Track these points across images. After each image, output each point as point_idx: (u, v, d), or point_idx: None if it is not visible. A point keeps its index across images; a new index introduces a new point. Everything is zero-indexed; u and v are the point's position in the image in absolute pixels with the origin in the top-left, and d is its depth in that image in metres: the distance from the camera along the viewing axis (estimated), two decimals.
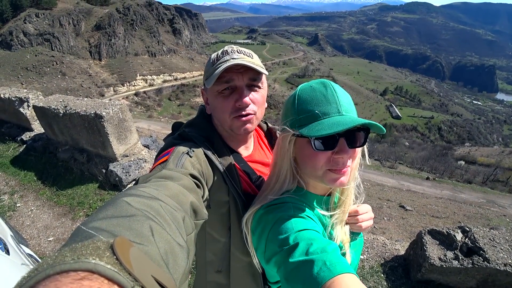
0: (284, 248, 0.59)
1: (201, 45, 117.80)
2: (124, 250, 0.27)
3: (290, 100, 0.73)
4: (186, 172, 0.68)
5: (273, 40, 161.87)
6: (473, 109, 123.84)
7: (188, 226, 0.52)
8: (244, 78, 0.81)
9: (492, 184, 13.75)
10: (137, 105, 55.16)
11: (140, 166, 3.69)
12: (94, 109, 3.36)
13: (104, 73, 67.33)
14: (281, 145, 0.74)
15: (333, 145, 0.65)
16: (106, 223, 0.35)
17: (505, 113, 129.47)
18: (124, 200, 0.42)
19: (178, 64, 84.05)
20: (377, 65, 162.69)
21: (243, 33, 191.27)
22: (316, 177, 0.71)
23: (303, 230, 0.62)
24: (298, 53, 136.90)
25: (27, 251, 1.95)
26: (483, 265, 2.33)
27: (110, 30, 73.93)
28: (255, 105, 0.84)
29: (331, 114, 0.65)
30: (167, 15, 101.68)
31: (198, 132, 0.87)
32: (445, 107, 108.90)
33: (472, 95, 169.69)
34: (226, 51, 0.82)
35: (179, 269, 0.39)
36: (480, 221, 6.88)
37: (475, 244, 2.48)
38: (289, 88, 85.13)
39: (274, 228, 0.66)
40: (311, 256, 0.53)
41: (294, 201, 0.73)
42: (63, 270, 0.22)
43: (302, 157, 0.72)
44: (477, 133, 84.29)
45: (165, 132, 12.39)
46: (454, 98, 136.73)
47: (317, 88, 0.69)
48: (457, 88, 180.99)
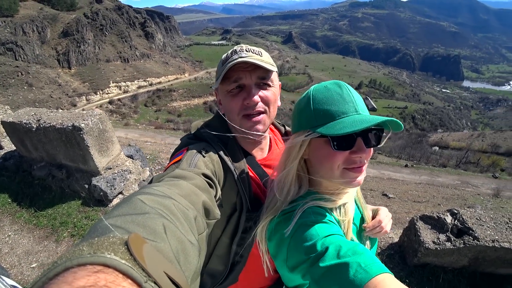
0: (312, 256, 0.58)
1: (175, 48, 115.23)
2: (138, 247, 0.28)
3: (303, 101, 0.72)
4: (199, 172, 0.68)
5: (248, 40, 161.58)
6: (443, 97, 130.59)
7: (200, 225, 0.53)
8: (252, 77, 0.80)
9: (465, 166, 14.52)
10: (112, 114, 53.03)
11: (125, 178, 3.53)
12: (72, 121, 3.16)
13: (74, 81, 64.15)
14: (292, 146, 0.72)
15: (351, 144, 0.65)
16: (121, 220, 0.36)
17: (472, 99, 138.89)
18: (138, 198, 0.44)
19: (152, 69, 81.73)
20: (351, 60, 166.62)
21: (217, 34, 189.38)
22: (332, 177, 0.69)
23: (329, 235, 0.61)
24: (273, 51, 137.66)
25: (10, 283, 1.78)
26: (474, 243, 2.44)
27: (78, 37, 70.45)
28: (266, 103, 0.83)
29: (349, 113, 0.64)
30: (138, 18, 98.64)
31: (213, 133, 0.87)
32: (417, 96, 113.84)
33: (441, 84, 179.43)
34: (235, 51, 0.81)
35: (190, 267, 0.39)
36: (458, 201, 7.23)
37: (464, 225, 2.60)
38: None
39: (296, 235, 0.65)
40: (344, 259, 0.52)
41: (312, 206, 0.71)
42: (80, 263, 0.24)
43: (318, 157, 0.70)
44: (448, 119, 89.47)
45: (144, 139, 12.01)
46: (425, 87, 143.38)
47: (332, 88, 0.68)
48: (427, 78, 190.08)
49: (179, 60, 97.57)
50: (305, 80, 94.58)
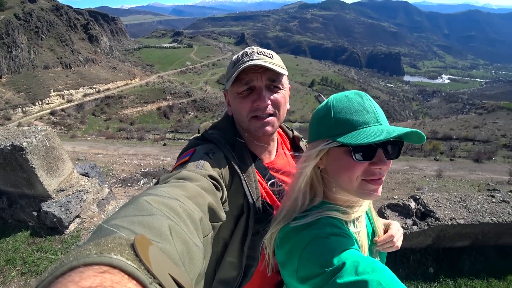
0: (328, 270, 0.56)
1: (123, 52, 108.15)
2: (144, 248, 0.28)
3: (322, 110, 0.71)
4: (205, 174, 0.67)
5: (200, 42, 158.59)
6: (388, 91, 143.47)
7: (205, 228, 0.52)
8: (263, 79, 0.80)
9: (411, 152, 16.04)
10: (55, 126, 47.52)
11: (81, 199, 3.15)
12: (10, 140, 2.71)
13: (7, 92, 56.32)
14: (310, 155, 0.71)
15: (372, 155, 0.64)
16: (127, 221, 0.36)
17: (412, 92, 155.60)
18: (144, 200, 0.44)
19: (99, 75, 75.39)
20: (303, 59, 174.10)
21: (167, 36, 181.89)
22: (351, 188, 0.68)
23: (346, 250, 0.60)
24: (226, 53, 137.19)
25: None
26: (436, 224, 2.68)
27: (9, 41, 62.04)
28: (275, 106, 0.83)
29: (371, 123, 0.64)
30: (80, 20, 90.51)
31: (220, 135, 0.87)
32: (366, 91, 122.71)
33: (385, 79, 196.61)
34: (246, 53, 0.82)
35: (195, 269, 0.40)
36: (408, 185, 7.89)
37: (426, 208, 2.84)
38: (222, 89, 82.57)
39: (310, 247, 0.63)
40: (362, 276, 0.51)
41: (327, 217, 0.70)
42: (87, 263, 0.24)
43: (336, 168, 0.69)
44: (394, 111, 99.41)
45: (94, 151, 11.07)
46: (372, 83, 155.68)
47: (353, 98, 0.68)
48: (373, 74, 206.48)
49: (128, 64, 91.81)
50: None
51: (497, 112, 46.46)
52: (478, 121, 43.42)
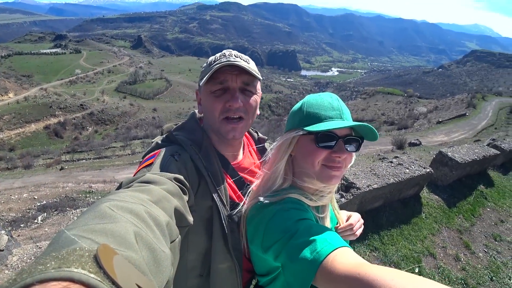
0: (286, 235, 0.64)
1: None
2: (108, 258, 0.26)
3: (297, 106, 0.83)
4: (171, 177, 0.66)
5: (90, 46, 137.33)
6: (289, 85, 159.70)
7: (172, 232, 0.51)
8: (238, 81, 0.82)
9: None
10: None
11: None
12: None
13: None
14: (283, 142, 0.80)
15: (333, 145, 0.74)
16: (88, 230, 0.34)
17: (310, 84, 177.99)
18: (106, 206, 0.41)
19: None
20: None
21: (47, 40, 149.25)
22: (313, 172, 0.77)
23: (303, 219, 0.68)
24: (123, 58, 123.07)
25: None
26: (358, 192, 3.14)
27: None
28: (247, 108, 0.85)
29: (335, 118, 0.75)
30: None
31: (186, 136, 0.86)
32: (269, 88, 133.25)
33: (285, 74, 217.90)
34: (224, 54, 0.84)
35: (163, 277, 0.38)
36: None
37: (348, 181, 3.30)
38: (122, 97, 71.45)
39: (273, 219, 0.71)
40: (313, 236, 0.60)
41: (292, 198, 0.78)
42: (43, 279, 0.22)
43: (303, 153, 0.79)
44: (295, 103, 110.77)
45: None
46: (274, 79, 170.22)
47: (324, 97, 0.80)
48: (274, 71, 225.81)
49: None
50: (163, 85, 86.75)
51: (376, 96, 57.57)
52: (363, 104, 52.78)
